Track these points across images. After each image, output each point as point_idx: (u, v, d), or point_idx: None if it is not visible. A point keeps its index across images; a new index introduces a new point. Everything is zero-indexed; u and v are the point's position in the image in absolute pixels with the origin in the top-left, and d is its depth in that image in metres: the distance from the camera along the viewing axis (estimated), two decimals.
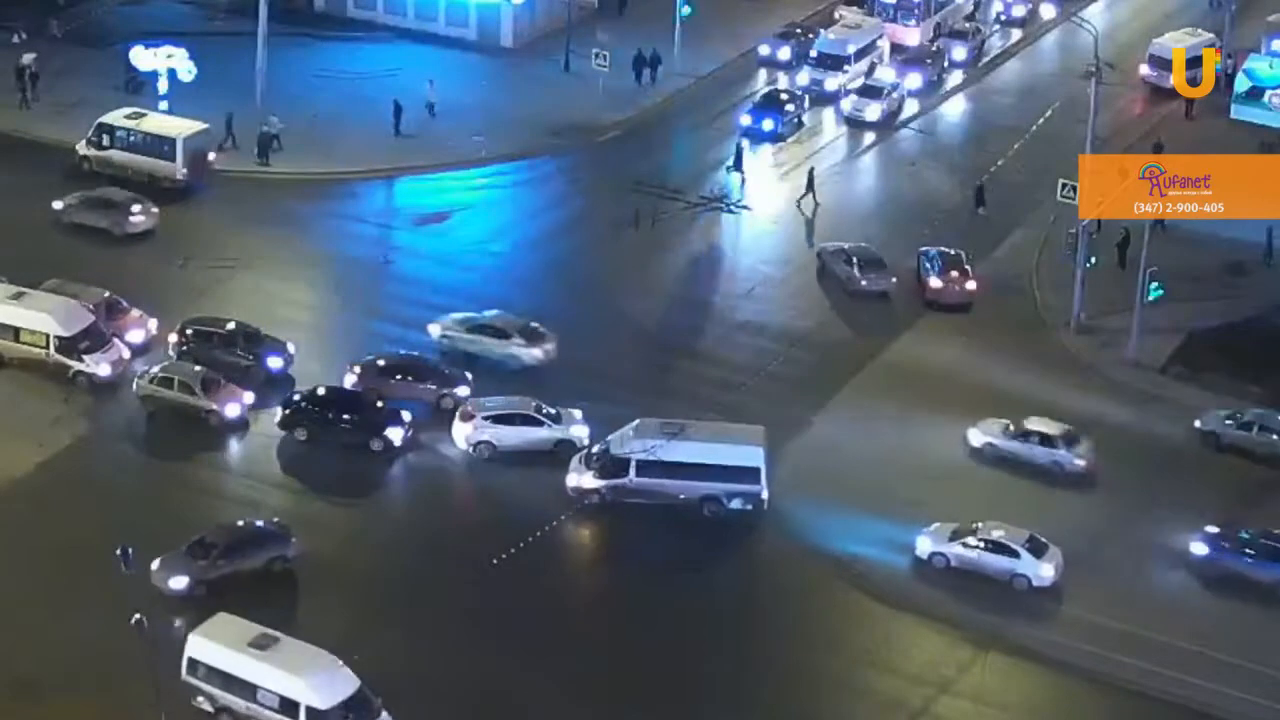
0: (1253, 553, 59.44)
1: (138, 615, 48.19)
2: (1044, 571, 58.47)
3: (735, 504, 60.57)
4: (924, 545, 59.53)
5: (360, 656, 52.70)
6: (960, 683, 55.10)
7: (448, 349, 67.85)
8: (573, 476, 61.35)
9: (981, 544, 58.89)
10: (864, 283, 73.66)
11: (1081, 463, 63.93)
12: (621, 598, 57.60)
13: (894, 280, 73.91)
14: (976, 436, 64.85)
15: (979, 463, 64.47)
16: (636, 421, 62.03)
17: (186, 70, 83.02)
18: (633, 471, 60.51)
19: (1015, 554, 58.56)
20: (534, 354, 67.75)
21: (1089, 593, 58.20)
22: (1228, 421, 65.70)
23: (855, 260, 74.14)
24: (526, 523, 59.95)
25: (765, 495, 60.58)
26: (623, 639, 55.78)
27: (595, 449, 61.72)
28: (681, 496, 60.57)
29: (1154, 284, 69.63)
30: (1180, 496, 62.39)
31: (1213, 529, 60.21)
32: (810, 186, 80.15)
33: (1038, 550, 58.75)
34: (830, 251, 75.39)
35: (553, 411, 63.83)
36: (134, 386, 64.71)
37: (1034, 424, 64.51)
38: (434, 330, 68.53)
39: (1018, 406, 66.66)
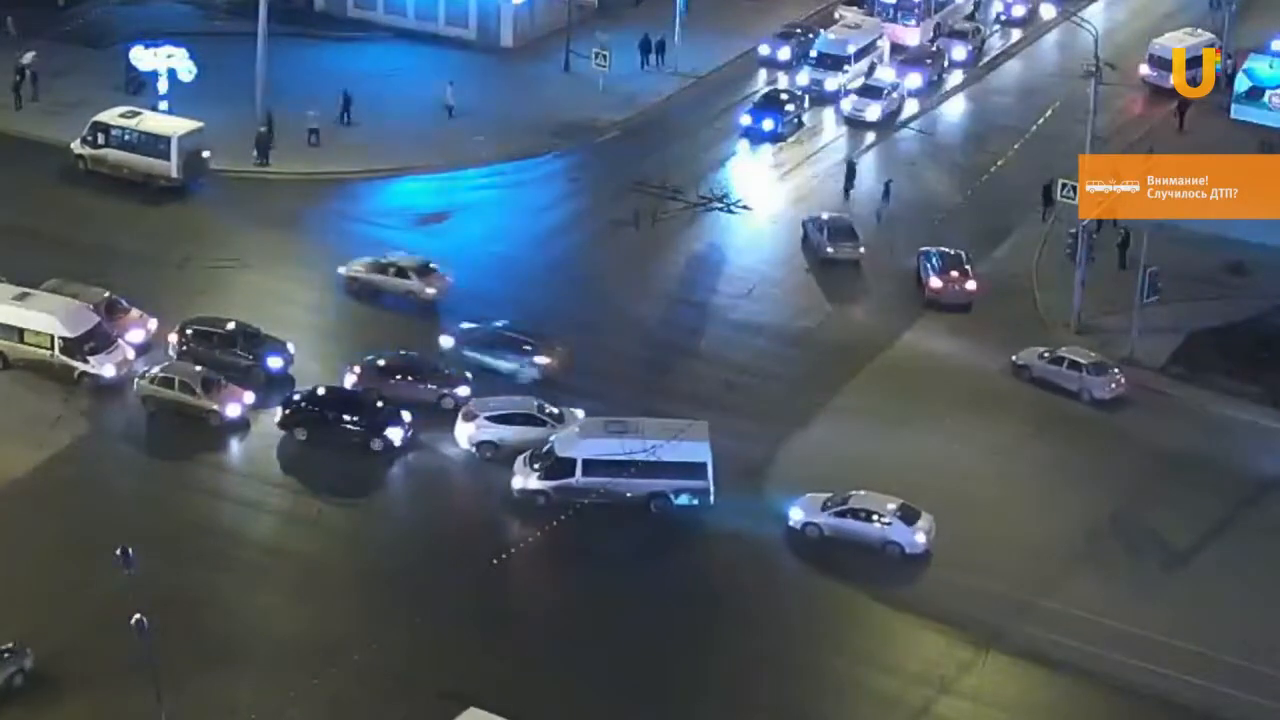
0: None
1: (138, 615, 48.14)
2: (916, 539, 59.20)
3: (682, 500, 60.58)
4: (796, 515, 60.15)
5: (360, 657, 52.82)
6: (960, 683, 55.09)
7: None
8: (518, 479, 61.13)
9: (853, 513, 59.54)
10: (830, 250, 75.55)
11: (545, 361, 67.13)
12: (621, 597, 57.47)
13: (862, 250, 75.67)
14: (446, 341, 68.60)
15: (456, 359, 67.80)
16: (581, 419, 62.13)
17: (186, 70, 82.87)
18: (579, 471, 60.36)
19: (887, 522, 59.22)
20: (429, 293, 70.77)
21: None
22: (1039, 358, 68.68)
23: (826, 228, 75.95)
24: (526, 523, 60.02)
25: (712, 490, 60.51)
26: (622, 638, 55.72)
27: (541, 450, 61.39)
28: (629, 495, 60.46)
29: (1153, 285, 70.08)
30: None
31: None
32: (850, 179, 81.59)
33: (909, 518, 59.52)
34: (810, 220, 77.56)
35: (555, 411, 63.79)
36: (134, 387, 64.71)
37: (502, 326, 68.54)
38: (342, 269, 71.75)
39: (1017, 406, 66.82)
